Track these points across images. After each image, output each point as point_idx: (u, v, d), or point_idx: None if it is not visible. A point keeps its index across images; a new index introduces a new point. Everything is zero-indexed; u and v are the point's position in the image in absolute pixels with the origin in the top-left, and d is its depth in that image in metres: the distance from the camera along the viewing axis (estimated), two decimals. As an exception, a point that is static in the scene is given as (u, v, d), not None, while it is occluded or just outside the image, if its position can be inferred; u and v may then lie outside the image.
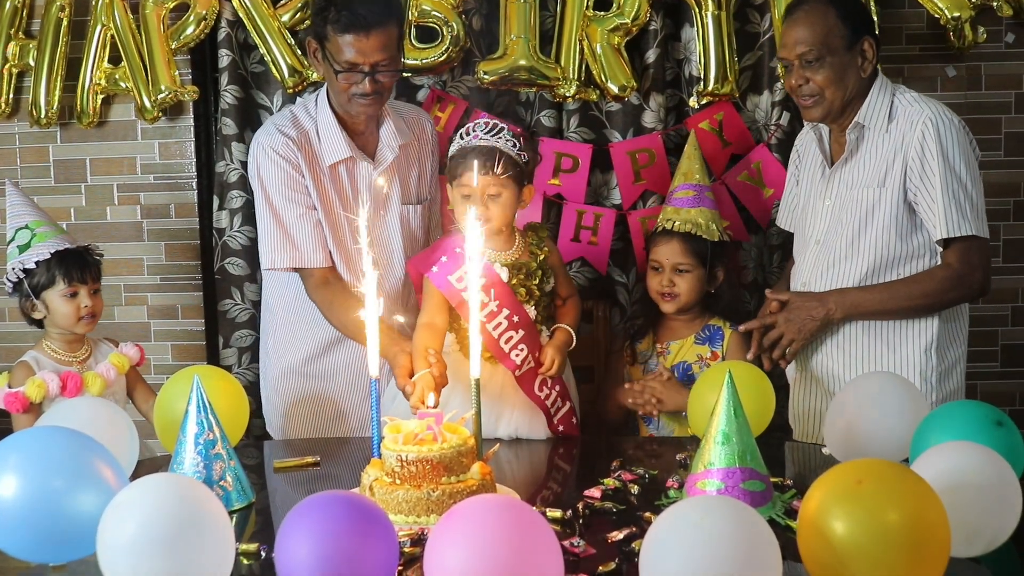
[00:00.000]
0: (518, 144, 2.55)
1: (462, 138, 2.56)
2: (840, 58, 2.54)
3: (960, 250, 2.50)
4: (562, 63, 3.25)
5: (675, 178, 3.09)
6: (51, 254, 2.73)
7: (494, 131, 2.54)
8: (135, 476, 1.98)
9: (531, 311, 2.57)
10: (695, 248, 2.90)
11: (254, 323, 3.41)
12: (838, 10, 2.55)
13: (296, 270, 2.77)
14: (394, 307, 2.80)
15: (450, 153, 2.59)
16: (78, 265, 2.76)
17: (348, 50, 2.56)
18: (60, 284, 2.74)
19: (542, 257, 2.61)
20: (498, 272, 2.54)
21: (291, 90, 3.33)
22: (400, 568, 1.70)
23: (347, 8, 2.53)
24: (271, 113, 3.39)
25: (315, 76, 3.29)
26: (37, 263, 2.73)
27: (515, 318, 2.53)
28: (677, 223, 2.93)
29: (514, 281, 2.56)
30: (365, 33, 2.54)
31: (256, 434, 3.38)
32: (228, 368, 3.38)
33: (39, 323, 2.82)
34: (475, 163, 2.44)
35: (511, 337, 2.53)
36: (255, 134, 2.83)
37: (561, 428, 2.63)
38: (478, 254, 2.08)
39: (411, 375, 2.41)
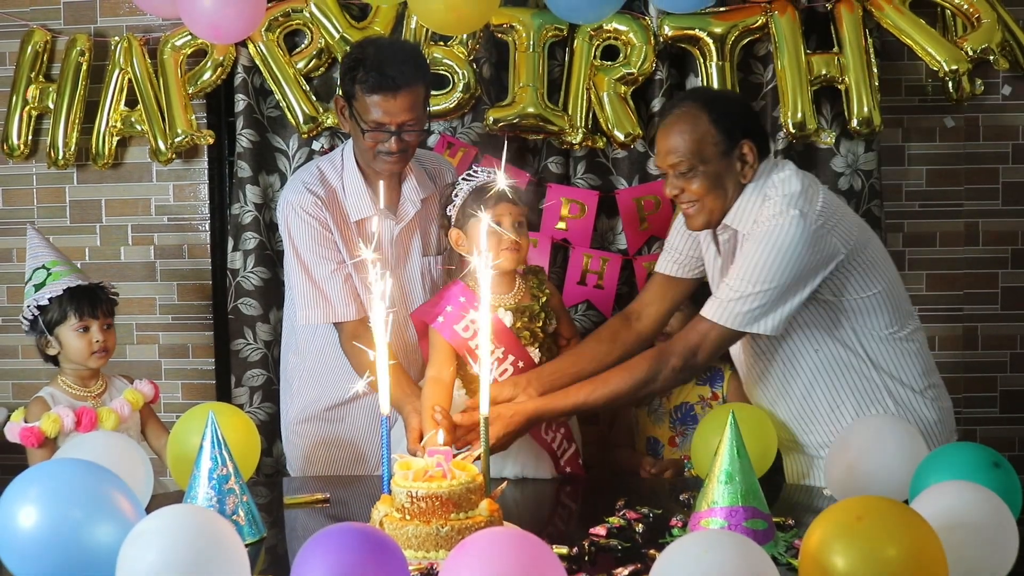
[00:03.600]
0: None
1: (468, 179, 2.62)
2: (714, 166, 2.40)
3: (703, 329, 2.43)
4: (569, 111, 3.31)
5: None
6: (64, 291, 2.78)
7: (492, 174, 2.59)
8: (149, 510, 2.01)
9: (535, 353, 2.61)
10: None
11: (266, 363, 3.46)
12: (711, 114, 2.41)
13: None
14: (415, 358, 2.82)
15: (461, 197, 2.62)
16: (89, 300, 2.82)
17: (375, 110, 2.57)
18: (72, 319, 2.79)
19: (543, 300, 2.66)
20: (502, 317, 2.58)
21: (306, 135, 3.39)
22: (411, 601, 1.73)
23: (376, 69, 2.54)
24: (287, 157, 3.46)
25: (330, 122, 3.36)
26: (51, 300, 2.79)
27: (520, 364, 2.57)
28: None
29: (519, 324, 2.60)
30: (393, 94, 2.55)
31: (266, 472, 3.41)
32: (239, 407, 3.38)
33: (55, 360, 2.86)
34: (502, 192, 2.51)
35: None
36: (283, 192, 2.84)
37: (568, 469, 2.66)
38: (488, 289, 2.09)
39: (422, 437, 2.43)
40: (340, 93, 2.68)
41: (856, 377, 2.48)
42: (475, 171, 2.65)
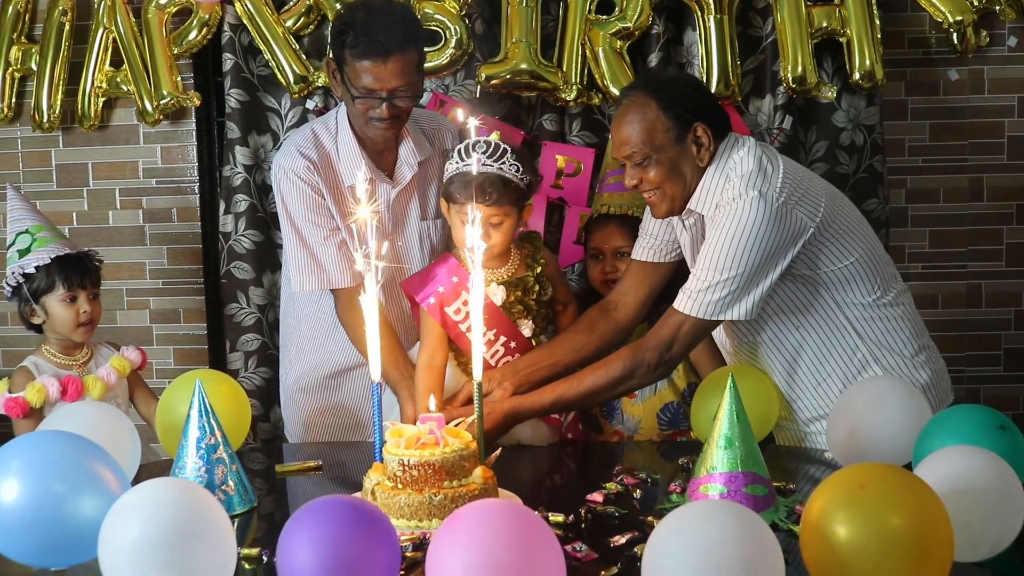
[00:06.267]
0: (520, 167, 2.47)
1: (461, 159, 2.47)
2: (668, 153, 2.35)
3: (675, 322, 2.38)
4: (564, 67, 3.24)
5: (604, 165, 3.04)
6: (51, 259, 2.73)
7: (496, 155, 2.44)
8: (137, 480, 1.98)
9: (528, 326, 2.56)
10: (634, 230, 2.74)
11: (260, 327, 3.41)
12: (660, 101, 2.35)
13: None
14: (412, 324, 2.77)
15: (448, 173, 2.51)
16: (78, 270, 2.77)
17: (366, 76, 2.50)
18: (60, 289, 2.74)
19: (539, 269, 2.59)
20: (495, 292, 2.51)
21: (297, 95, 3.32)
22: (402, 573, 1.70)
23: (365, 34, 2.47)
24: (279, 116, 3.39)
25: (321, 81, 3.29)
26: (37, 268, 2.74)
27: (512, 344, 2.53)
28: (612, 207, 2.86)
29: (512, 298, 2.54)
30: (383, 60, 2.48)
31: (264, 438, 3.38)
32: (235, 372, 3.37)
33: (38, 328, 2.82)
34: (475, 192, 2.38)
35: (508, 363, 2.53)
36: (276, 157, 2.78)
37: (569, 435, 2.65)
38: (480, 274, 2.06)
39: None
40: (331, 56, 2.62)
41: (841, 352, 2.45)
42: (477, 141, 2.46)
